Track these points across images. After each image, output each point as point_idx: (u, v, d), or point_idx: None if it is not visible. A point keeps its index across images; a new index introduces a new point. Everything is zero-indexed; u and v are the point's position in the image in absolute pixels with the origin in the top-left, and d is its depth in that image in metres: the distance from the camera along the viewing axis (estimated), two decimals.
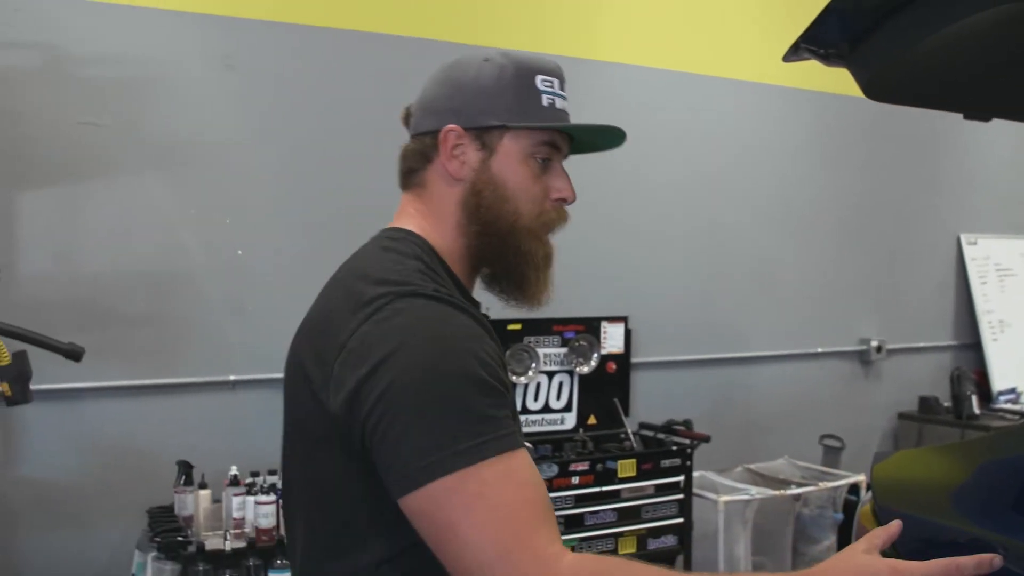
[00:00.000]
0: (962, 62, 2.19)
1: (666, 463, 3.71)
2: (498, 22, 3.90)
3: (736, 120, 4.45)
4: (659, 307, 4.26)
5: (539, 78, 1.38)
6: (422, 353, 1.16)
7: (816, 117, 4.63)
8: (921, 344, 5.11)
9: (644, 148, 4.21)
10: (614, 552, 3.58)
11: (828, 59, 2.25)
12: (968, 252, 5.26)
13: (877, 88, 2.30)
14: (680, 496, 3.73)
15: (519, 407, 3.86)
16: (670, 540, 3.68)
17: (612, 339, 4.05)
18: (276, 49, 3.47)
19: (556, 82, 1.41)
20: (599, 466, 3.57)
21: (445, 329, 1.20)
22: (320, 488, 1.28)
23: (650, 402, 4.20)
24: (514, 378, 3.81)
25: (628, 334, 4.08)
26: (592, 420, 4.03)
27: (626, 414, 4.06)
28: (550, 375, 3.93)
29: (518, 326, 3.83)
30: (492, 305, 1.47)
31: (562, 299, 4.27)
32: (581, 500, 3.53)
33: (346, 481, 1.23)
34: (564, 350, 3.94)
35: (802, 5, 1.98)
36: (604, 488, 3.57)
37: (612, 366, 4.05)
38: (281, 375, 1.36)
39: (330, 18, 3.55)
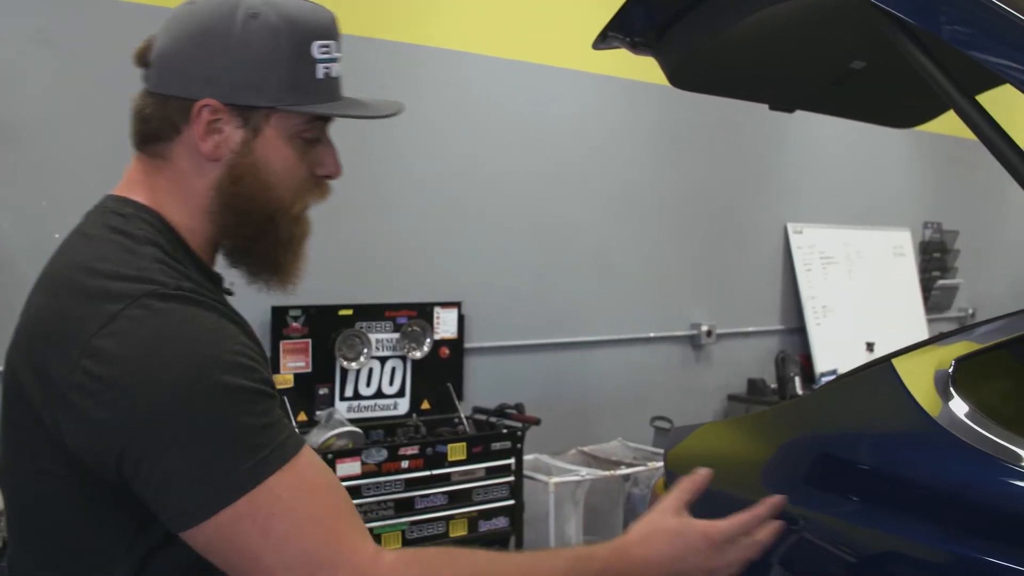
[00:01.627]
0: (761, 53, 2.29)
1: (497, 446, 3.76)
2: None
3: (575, 110, 4.54)
4: (494, 293, 4.31)
5: (316, 44, 1.20)
6: (173, 374, 1.03)
7: (654, 109, 4.75)
8: (750, 329, 5.33)
9: (482, 135, 4.26)
10: (445, 535, 3.62)
11: (636, 48, 2.32)
12: (794, 240, 5.51)
13: (681, 77, 2.38)
14: (511, 478, 3.79)
15: (352, 392, 3.86)
16: (501, 522, 3.74)
17: (445, 324, 4.08)
18: (98, 26, 3.35)
19: (333, 44, 1.22)
20: (429, 450, 3.60)
21: (194, 339, 1.06)
22: (47, 518, 1.13)
23: (485, 387, 4.25)
24: (345, 363, 3.80)
25: (461, 319, 4.12)
26: (426, 405, 4.05)
27: (460, 399, 4.10)
28: (382, 360, 3.94)
29: (349, 312, 3.83)
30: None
31: (395, 284, 4.28)
32: (412, 484, 3.54)
33: (83, 514, 1.11)
34: (396, 335, 3.95)
35: None
36: (434, 472, 3.59)
37: (445, 351, 4.09)
38: None
39: None
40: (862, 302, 5.80)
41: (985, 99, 1.63)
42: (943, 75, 1.59)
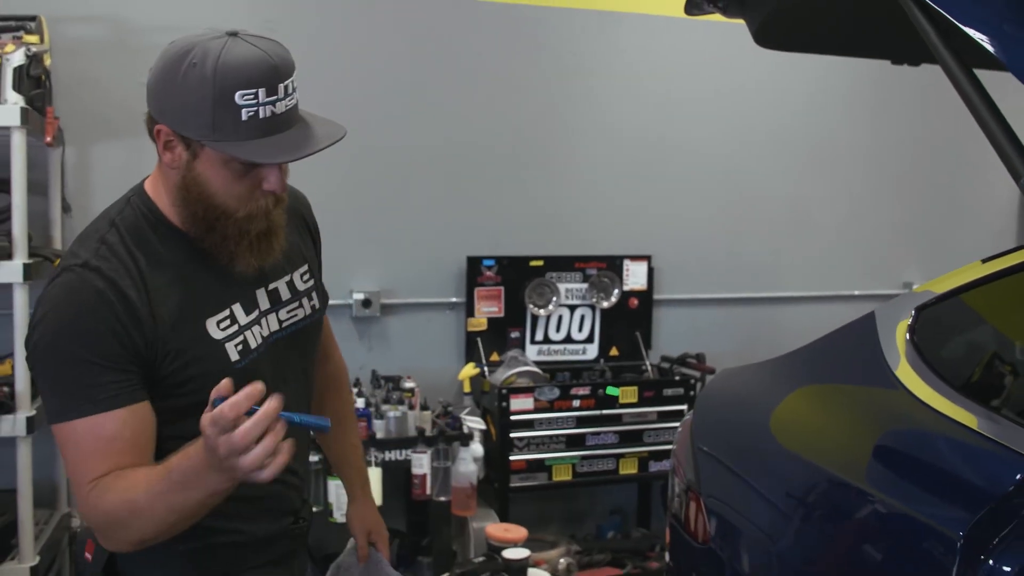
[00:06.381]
0: (857, 7, 2.32)
1: (669, 392, 3.99)
2: None
3: (769, 63, 4.56)
4: (686, 247, 4.49)
5: (239, 94, 1.47)
6: (44, 338, 1.53)
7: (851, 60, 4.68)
8: None
9: (670, 89, 4.42)
10: (615, 472, 3.92)
11: (726, 10, 2.43)
12: None
13: (766, 36, 2.45)
14: None
15: (542, 337, 4.21)
16: (670, 464, 3.97)
17: (635, 276, 4.33)
18: (312, 13, 3.90)
19: (260, 91, 1.49)
20: (600, 391, 3.90)
21: (67, 311, 1.52)
22: None
23: (675, 337, 4.46)
24: (535, 310, 4.16)
25: (651, 272, 4.35)
26: (615, 352, 4.34)
27: (648, 347, 4.36)
28: (572, 308, 4.26)
29: (540, 262, 4.18)
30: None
31: (586, 238, 4.56)
32: (583, 422, 3.87)
33: None
34: (585, 286, 4.26)
35: None
36: (604, 412, 3.89)
37: (635, 302, 4.34)
38: None
39: None
40: None
41: None
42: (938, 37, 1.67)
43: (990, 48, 1.55)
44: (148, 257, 1.60)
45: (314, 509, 2.70)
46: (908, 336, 1.67)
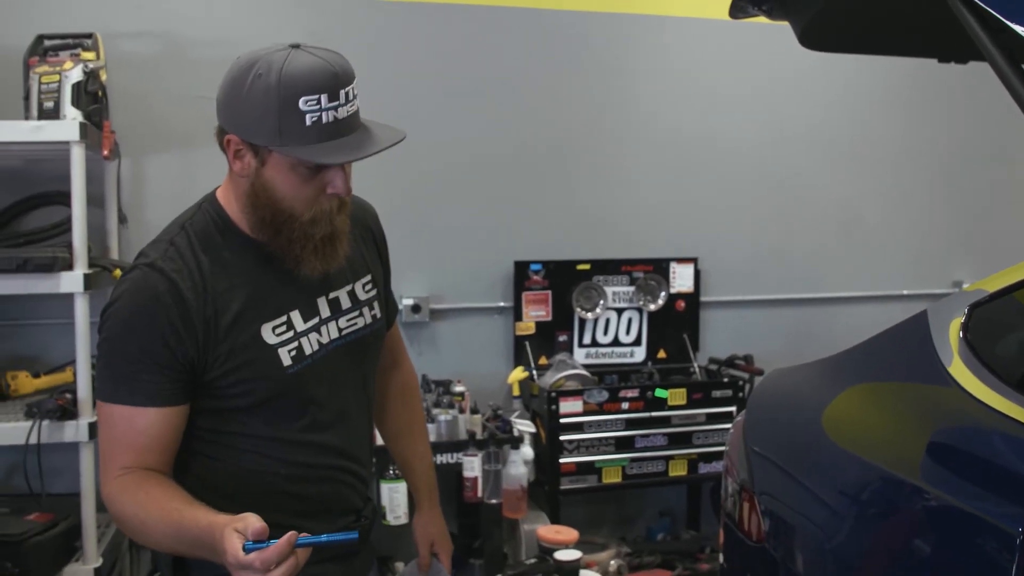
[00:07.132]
0: (899, 5, 2.31)
1: (718, 394, 3.99)
2: None
3: (812, 61, 4.53)
4: (733, 249, 4.49)
5: (302, 100, 1.54)
6: (106, 324, 1.65)
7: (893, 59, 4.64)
8: None
9: (713, 91, 4.42)
10: (664, 474, 3.92)
11: (771, 13, 2.43)
12: None
13: (810, 37, 2.45)
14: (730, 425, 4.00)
15: (590, 340, 4.23)
16: (719, 466, 3.97)
17: (681, 279, 4.33)
18: (359, 25, 3.96)
19: (323, 97, 1.56)
20: (648, 394, 3.90)
21: (125, 307, 1.63)
22: None
23: (722, 339, 4.45)
24: (582, 313, 4.18)
25: (697, 274, 4.35)
26: (662, 354, 4.35)
27: (696, 349, 4.36)
28: (619, 311, 4.27)
29: (587, 266, 4.20)
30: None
31: (632, 241, 4.57)
32: (632, 424, 3.88)
33: None
34: (632, 288, 4.27)
35: None
36: (653, 414, 3.90)
37: (681, 304, 4.35)
38: None
39: None
40: None
41: None
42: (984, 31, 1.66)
43: None
44: (213, 261, 1.67)
45: None
46: (961, 334, 1.67)
